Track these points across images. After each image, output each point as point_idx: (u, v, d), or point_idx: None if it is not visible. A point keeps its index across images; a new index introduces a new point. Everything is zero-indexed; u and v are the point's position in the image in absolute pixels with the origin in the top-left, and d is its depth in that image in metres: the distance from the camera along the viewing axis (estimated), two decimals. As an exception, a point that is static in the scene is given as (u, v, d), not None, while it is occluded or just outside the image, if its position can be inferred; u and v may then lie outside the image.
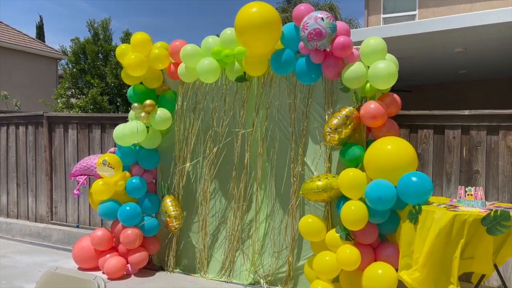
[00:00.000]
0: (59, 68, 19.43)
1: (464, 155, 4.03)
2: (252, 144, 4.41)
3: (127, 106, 12.42)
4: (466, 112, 3.99)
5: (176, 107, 4.75)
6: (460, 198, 3.31)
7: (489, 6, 10.85)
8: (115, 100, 12.47)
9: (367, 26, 12.68)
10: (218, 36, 4.41)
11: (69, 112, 12.35)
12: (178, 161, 4.78)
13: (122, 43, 12.62)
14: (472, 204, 3.21)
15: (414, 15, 12.01)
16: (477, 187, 3.25)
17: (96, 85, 11.96)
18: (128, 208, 4.44)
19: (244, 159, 4.46)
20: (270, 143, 4.36)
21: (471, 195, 3.26)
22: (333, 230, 3.75)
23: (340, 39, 3.70)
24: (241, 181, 4.48)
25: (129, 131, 4.36)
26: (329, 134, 3.67)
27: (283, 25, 3.97)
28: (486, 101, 9.13)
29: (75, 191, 4.84)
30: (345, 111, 3.69)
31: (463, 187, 3.32)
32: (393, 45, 5.98)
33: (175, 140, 4.79)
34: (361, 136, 3.90)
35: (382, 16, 12.45)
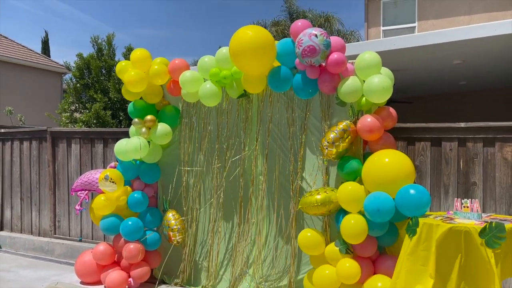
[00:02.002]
0: (63, 83, 19.69)
1: (461, 167, 4.07)
2: (255, 159, 4.46)
3: (129, 120, 12.52)
4: (462, 124, 4.04)
5: (180, 125, 4.85)
6: (456, 210, 3.34)
7: (488, 18, 10.97)
8: (118, 114, 12.62)
9: (367, 39, 12.82)
10: (220, 47, 4.48)
11: (73, 126, 12.50)
12: (183, 176, 4.84)
13: (125, 58, 12.82)
14: (468, 216, 3.24)
15: (414, 27, 12.14)
16: (473, 199, 3.28)
17: (99, 100, 12.13)
18: (130, 222, 4.49)
19: (247, 174, 4.52)
20: (270, 157, 4.42)
21: (467, 207, 3.28)
22: (333, 244, 3.78)
23: (334, 55, 3.77)
24: (243, 195, 4.53)
25: (132, 147, 4.43)
26: (326, 148, 3.72)
27: (275, 38, 4.03)
28: (485, 112, 9.17)
29: (77, 207, 4.90)
30: (342, 125, 3.74)
31: (459, 199, 3.35)
32: (391, 58, 6.07)
33: (180, 155, 4.86)
34: (358, 149, 3.95)
35: (382, 28, 12.59)
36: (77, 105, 12.91)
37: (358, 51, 4.33)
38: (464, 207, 3.30)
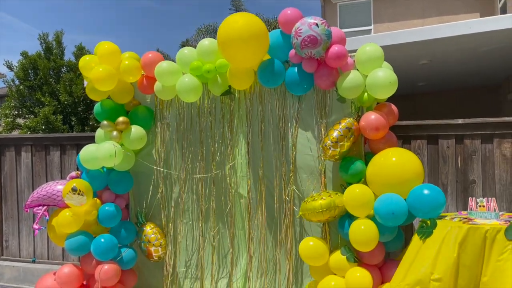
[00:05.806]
0: (3, 86, 17.95)
1: (459, 164, 3.93)
2: (247, 164, 4.05)
3: (82, 125, 11.52)
4: (460, 121, 3.91)
5: (155, 126, 4.34)
6: (471, 210, 3.16)
7: (440, 21, 11.32)
8: (69, 119, 11.49)
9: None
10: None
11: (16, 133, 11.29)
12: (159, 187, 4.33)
13: (76, 58, 11.76)
14: (486, 215, 3.07)
15: (370, 29, 12.30)
16: (489, 198, 3.12)
17: (48, 103, 10.95)
18: (102, 240, 3.88)
19: (234, 180, 4.11)
20: (260, 161, 4.03)
21: (483, 206, 3.11)
22: (337, 252, 3.46)
23: (335, 48, 3.48)
24: (230, 204, 4.12)
25: (105, 153, 3.84)
26: (330, 148, 3.40)
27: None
28: (444, 114, 9.38)
29: (34, 226, 4.18)
30: (346, 123, 3.45)
31: (474, 198, 3.18)
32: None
33: (155, 161, 4.34)
34: (360, 149, 3.68)
35: (339, 30, 12.63)
36: (20, 109, 11.59)
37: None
38: (480, 206, 3.13)
